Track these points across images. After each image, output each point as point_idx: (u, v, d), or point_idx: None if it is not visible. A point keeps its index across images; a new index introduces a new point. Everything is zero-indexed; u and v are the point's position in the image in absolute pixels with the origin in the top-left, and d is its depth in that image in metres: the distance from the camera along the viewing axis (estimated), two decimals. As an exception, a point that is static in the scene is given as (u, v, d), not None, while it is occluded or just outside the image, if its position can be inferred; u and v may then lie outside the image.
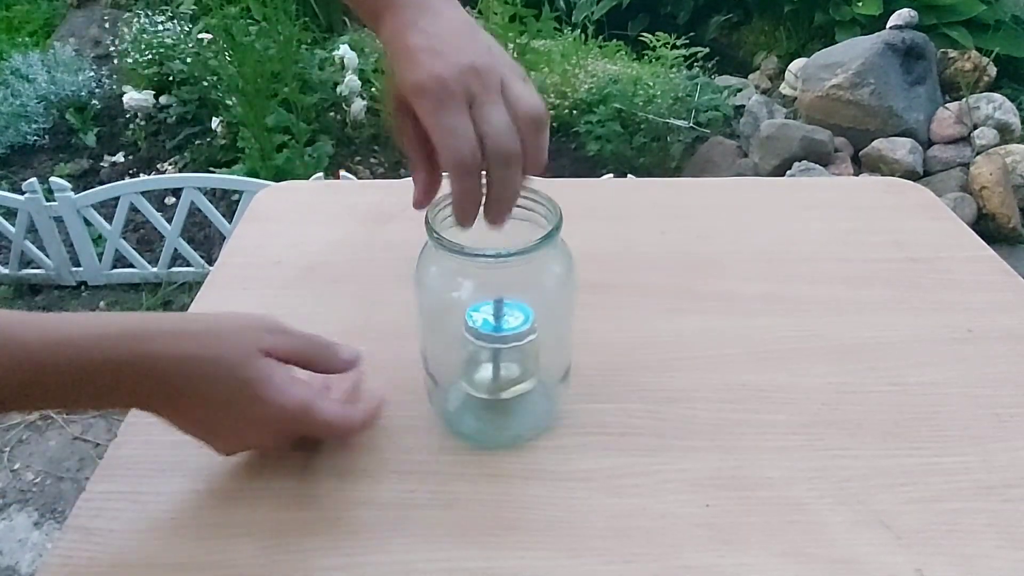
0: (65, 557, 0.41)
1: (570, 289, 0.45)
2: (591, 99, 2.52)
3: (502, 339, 0.43)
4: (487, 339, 0.43)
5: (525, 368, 0.47)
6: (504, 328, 0.43)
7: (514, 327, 0.43)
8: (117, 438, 0.48)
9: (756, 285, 0.62)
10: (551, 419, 0.49)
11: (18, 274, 1.99)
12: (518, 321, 0.43)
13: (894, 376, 0.53)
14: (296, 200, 0.76)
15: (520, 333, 0.43)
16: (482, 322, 0.43)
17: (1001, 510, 0.43)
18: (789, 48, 2.89)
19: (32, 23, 3.40)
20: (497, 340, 0.43)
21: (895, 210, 0.73)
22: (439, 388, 0.49)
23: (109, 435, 1.56)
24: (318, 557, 0.41)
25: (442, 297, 0.44)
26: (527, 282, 0.43)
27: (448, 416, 0.49)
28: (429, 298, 0.45)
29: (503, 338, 0.43)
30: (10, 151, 2.49)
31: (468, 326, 0.43)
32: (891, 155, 2.18)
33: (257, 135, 2.11)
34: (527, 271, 0.42)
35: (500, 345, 0.44)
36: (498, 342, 0.43)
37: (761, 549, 0.41)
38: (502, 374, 0.46)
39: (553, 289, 0.44)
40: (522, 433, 0.48)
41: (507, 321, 0.43)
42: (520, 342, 0.43)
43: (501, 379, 0.46)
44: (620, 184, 1.02)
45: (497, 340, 0.43)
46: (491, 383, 0.47)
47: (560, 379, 0.49)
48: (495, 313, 0.43)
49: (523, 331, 0.43)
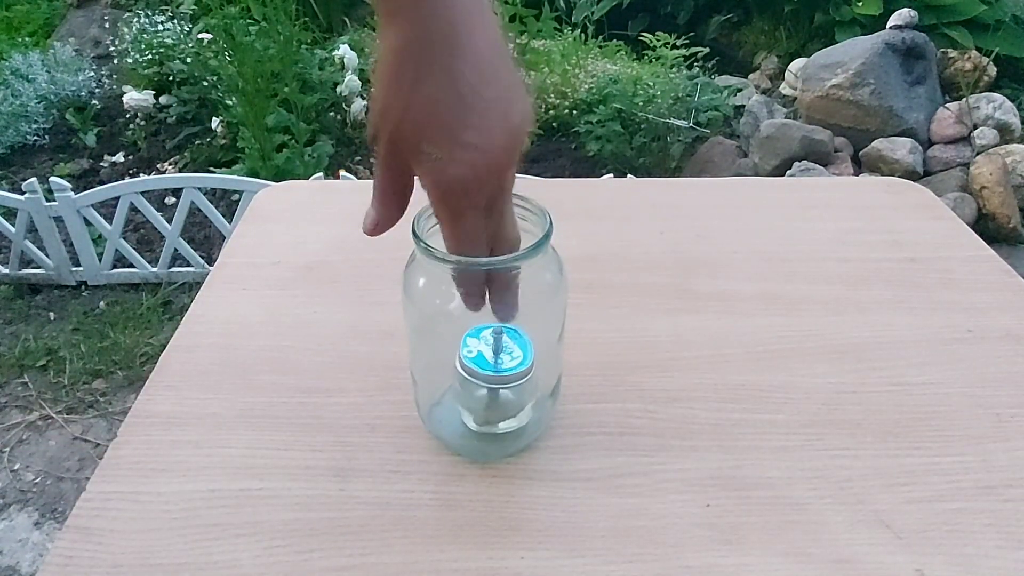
0: (65, 557, 0.41)
1: (561, 298, 0.43)
2: (591, 99, 2.52)
3: (499, 380, 0.40)
4: (483, 379, 0.40)
5: (521, 400, 0.44)
6: (502, 368, 0.40)
7: (512, 367, 0.40)
8: (117, 438, 0.48)
9: (756, 285, 0.62)
10: (540, 432, 0.48)
11: (18, 274, 1.99)
12: (516, 360, 0.40)
13: (894, 376, 0.53)
14: (296, 200, 0.76)
15: (519, 373, 0.40)
16: (477, 355, 0.40)
17: (1001, 510, 0.43)
18: (789, 48, 2.89)
19: (32, 23, 3.40)
20: (494, 380, 0.40)
21: (895, 210, 0.73)
22: (423, 396, 0.47)
23: (109, 435, 1.56)
24: (319, 558, 0.41)
25: (431, 308, 0.42)
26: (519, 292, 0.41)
27: (432, 426, 0.48)
28: (417, 309, 0.43)
29: (501, 379, 0.40)
30: (10, 151, 2.49)
31: (463, 362, 0.41)
32: (891, 155, 2.18)
33: (257, 135, 2.11)
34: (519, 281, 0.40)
35: (497, 386, 0.41)
36: (495, 383, 0.41)
37: (761, 549, 0.41)
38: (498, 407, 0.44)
39: (544, 298, 0.42)
40: (508, 448, 0.47)
41: (504, 360, 0.40)
42: (519, 382, 0.41)
43: (495, 414, 0.44)
44: (620, 184, 1.02)
45: (494, 380, 0.40)
46: (484, 418, 0.45)
47: (549, 394, 0.47)
48: (494, 348, 0.41)
49: (522, 371, 0.40)
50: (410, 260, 0.42)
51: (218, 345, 0.55)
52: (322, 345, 0.55)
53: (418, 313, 0.43)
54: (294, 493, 0.44)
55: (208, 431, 0.48)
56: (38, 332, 1.86)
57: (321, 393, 0.51)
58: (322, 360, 0.54)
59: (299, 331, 0.57)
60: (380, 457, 0.46)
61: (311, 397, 0.51)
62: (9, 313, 1.93)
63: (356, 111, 2.41)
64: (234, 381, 0.52)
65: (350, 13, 3.04)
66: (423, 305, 0.42)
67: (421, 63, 0.32)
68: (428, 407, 0.48)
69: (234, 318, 0.58)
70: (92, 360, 1.75)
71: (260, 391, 0.51)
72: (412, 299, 0.42)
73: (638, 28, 3.02)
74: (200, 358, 0.54)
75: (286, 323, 0.58)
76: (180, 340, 0.56)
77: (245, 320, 0.58)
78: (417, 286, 0.42)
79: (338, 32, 2.93)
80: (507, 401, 0.43)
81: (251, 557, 0.40)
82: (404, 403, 0.50)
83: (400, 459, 0.46)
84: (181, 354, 0.55)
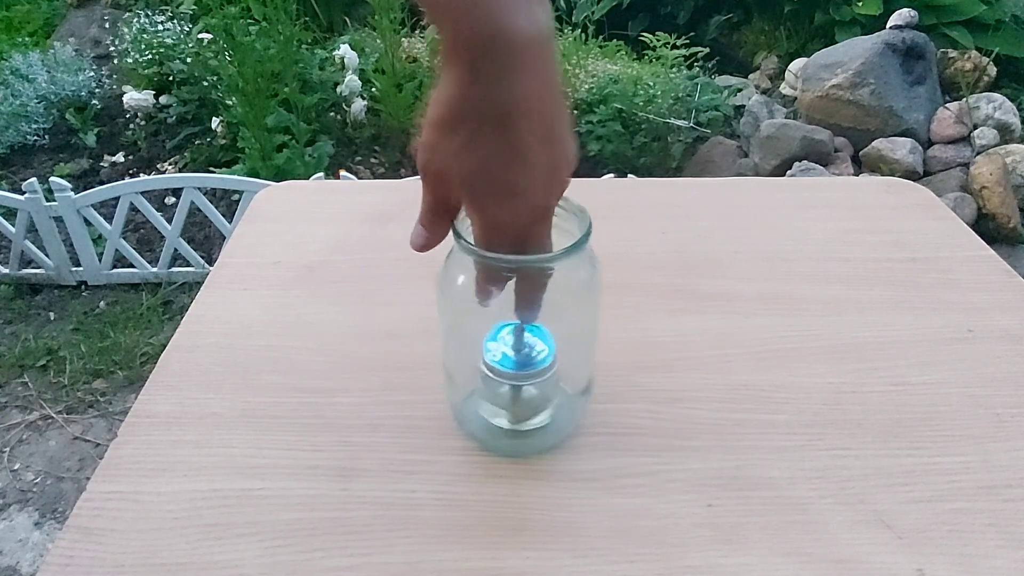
0: (66, 557, 0.41)
1: (596, 297, 0.44)
2: (591, 99, 2.52)
3: (522, 376, 0.41)
4: (506, 376, 0.41)
5: (545, 397, 0.45)
6: (524, 364, 0.41)
7: (536, 362, 0.40)
8: (117, 438, 0.48)
9: (756, 285, 0.62)
10: (571, 431, 0.48)
11: (18, 274, 1.99)
12: (540, 354, 0.41)
13: (894, 376, 0.53)
14: (296, 200, 0.76)
15: (542, 369, 0.41)
16: (501, 356, 0.41)
17: (1001, 510, 0.43)
18: (789, 48, 2.89)
19: (32, 23, 3.39)
20: (517, 377, 0.41)
21: (895, 210, 0.73)
22: (456, 392, 0.47)
23: (109, 435, 1.56)
24: (321, 558, 0.41)
25: (466, 302, 0.42)
26: (553, 289, 0.41)
27: (464, 422, 0.48)
28: (452, 303, 0.43)
29: (524, 376, 0.41)
30: (10, 151, 2.49)
31: (485, 360, 0.41)
32: (891, 155, 2.18)
33: (257, 135, 2.11)
34: (553, 278, 0.40)
35: (520, 383, 0.41)
36: (518, 379, 0.41)
37: (763, 549, 0.41)
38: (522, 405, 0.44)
39: (579, 296, 0.43)
40: (538, 445, 0.47)
41: (527, 355, 0.41)
42: (542, 378, 0.41)
43: (520, 412, 0.45)
44: (620, 184, 1.02)
45: (517, 377, 0.41)
46: (509, 416, 0.45)
47: (582, 391, 0.47)
48: (515, 344, 0.41)
49: (545, 367, 0.40)
50: (447, 257, 0.42)
51: (218, 345, 0.55)
52: (323, 345, 0.55)
53: (454, 310, 0.43)
54: (296, 493, 0.44)
55: (209, 431, 0.48)
56: (38, 332, 1.86)
57: (323, 393, 0.51)
58: (323, 360, 0.54)
59: (300, 331, 0.57)
60: (383, 457, 0.46)
61: (313, 397, 0.51)
62: (9, 313, 1.93)
63: (356, 111, 2.41)
64: (235, 381, 0.52)
65: (350, 13, 3.04)
66: (459, 302, 0.42)
67: (483, 122, 0.32)
68: (460, 405, 0.48)
69: (234, 318, 0.58)
70: (92, 360, 1.75)
71: (261, 391, 0.51)
72: (448, 296, 0.42)
73: (638, 28, 3.02)
74: (200, 358, 0.54)
75: (286, 323, 0.58)
76: (180, 340, 0.56)
77: (245, 320, 0.58)
78: (455, 283, 0.42)
79: (338, 32, 2.93)
80: (531, 397, 0.44)
81: (253, 557, 0.40)
82: (407, 403, 0.50)
83: (403, 459, 0.46)
84: (181, 354, 0.55)
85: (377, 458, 0.46)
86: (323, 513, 0.43)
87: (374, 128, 2.46)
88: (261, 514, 0.43)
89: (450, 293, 0.42)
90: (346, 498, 0.44)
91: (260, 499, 0.44)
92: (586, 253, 0.42)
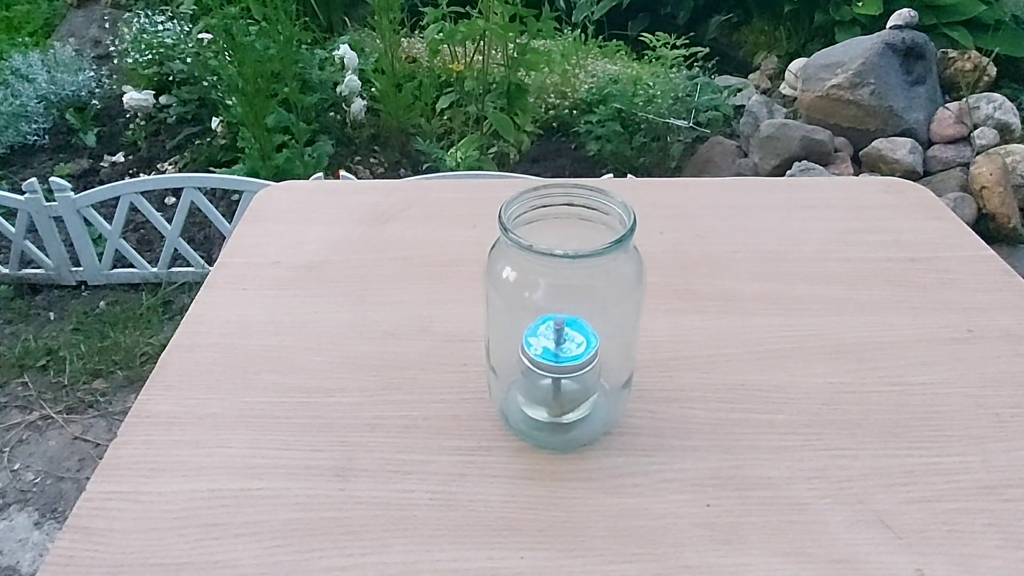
0: (66, 557, 0.41)
1: (639, 293, 0.44)
2: (591, 99, 2.52)
3: (563, 369, 0.41)
4: (547, 369, 0.41)
5: (586, 390, 0.45)
6: (565, 357, 0.41)
7: (576, 355, 0.41)
8: (117, 438, 0.48)
9: (756, 285, 0.62)
10: (611, 425, 0.48)
11: (18, 274, 1.99)
12: (580, 348, 0.41)
13: (894, 376, 0.53)
14: (296, 200, 0.76)
15: (582, 363, 0.41)
16: (542, 351, 0.41)
17: (1001, 510, 0.43)
18: (789, 48, 2.89)
19: (32, 23, 3.40)
20: (558, 371, 0.41)
21: (895, 210, 0.73)
22: (500, 384, 0.47)
23: (109, 435, 1.56)
24: (319, 558, 0.41)
25: (511, 295, 0.43)
26: (597, 284, 0.42)
27: (507, 414, 0.48)
28: (498, 295, 0.43)
29: (564, 369, 0.41)
30: (10, 151, 2.49)
31: (526, 353, 0.41)
32: (891, 155, 2.18)
33: (257, 135, 2.11)
34: (598, 273, 0.41)
35: (561, 376, 0.42)
36: (559, 372, 0.41)
37: (761, 549, 0.41)
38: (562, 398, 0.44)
39: (622, 293, 0.43)
40: (579, 438, 0.47)
41: (568, 348, 0.41)
42: (582, 371, 0.41)
43: (561, 405, 0.45)
44: (620, 184, 1.02)
45: (558, 371, 0.41)
46: (550, 410, 0.46)
47: (622, 385, 0.47)
48: (555, 337, 0.41)
49: (585, 360, 0.41)
50: (491, 249, 0.43)
51: (218, 345, 0.56)
52: (322, 345, 0.55)
53: (501, 301, 0.44)
54: (294, 493, 0.44)
55: (208, 431, 0.48)
56: (38, 332, 1.86)
57: (321, 393, 0.51)
58: (322, 360, 0.54)
59: (299, 331, 0.57)
60: (380, 457, 0.46)
61: (311, 397, 0.51)
62: (9, 313, 1.93)
63: (356, 111, 2.41)
64: (234, 381, 0.52)
65: (350, 13, 3.04)
66: (506, 293, 0.43)
67: None
68: (503, 398, 0.48)
69: (234, 318, 0.58)
70: (92, 360, 1.75)
71: (260, 391, 0.51)
72: (496, 287, 0.43)
73: (638, 28, 3.02)
74: (200, 358, 0.54)
75: (286, 323, 0.58)
76: (180, 340, 0.56)
77: (245, 320, 0.58)
78: (500, 275, 0.43)
79: (338, 32, 2.93)
80: (571, 391, 0.44)
81: (251, 557, 0.40)
82: (404, 403, 0.50)
83: (400, 459, 0.46)
84: (181, 354, 0.55)
85: (375, 458, 0.46)
86: (321, 513, 0.43)
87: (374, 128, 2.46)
88: (259, 514, 0.43)
89: (497, 284, 0.43)
90: (344, 498, 0.44)
91: (259, 499, 0.44)
92: (631, 248, 0.42)
